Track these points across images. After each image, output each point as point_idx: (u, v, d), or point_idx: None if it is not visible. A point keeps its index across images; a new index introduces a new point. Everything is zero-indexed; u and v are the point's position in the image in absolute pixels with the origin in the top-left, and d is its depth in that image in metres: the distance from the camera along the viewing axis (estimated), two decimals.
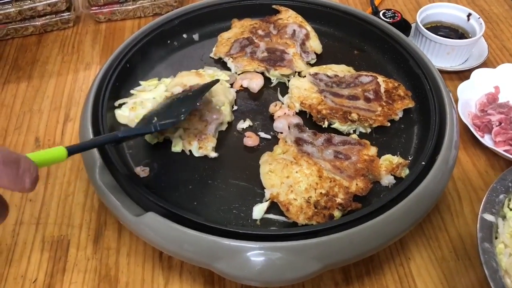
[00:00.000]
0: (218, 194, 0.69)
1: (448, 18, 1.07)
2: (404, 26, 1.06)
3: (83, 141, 0.69)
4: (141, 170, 0.71)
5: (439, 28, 1.07)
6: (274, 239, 0.59)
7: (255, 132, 0.77)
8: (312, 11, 0.97)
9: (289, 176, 0.67)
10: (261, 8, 0.99)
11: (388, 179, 0.69)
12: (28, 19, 1.10)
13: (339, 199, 0.65)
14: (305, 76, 0.84)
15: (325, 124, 0.77)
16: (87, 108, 0.75)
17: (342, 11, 0.95)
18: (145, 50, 0.88)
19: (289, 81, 0.85)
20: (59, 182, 0.81)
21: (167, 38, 0.93)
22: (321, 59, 0.91)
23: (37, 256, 0.72)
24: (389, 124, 0.77)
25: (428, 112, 0.76)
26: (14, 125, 0.91)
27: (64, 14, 1.12)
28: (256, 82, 0.85)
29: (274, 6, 0.98)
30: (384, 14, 1.06)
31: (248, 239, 0.58)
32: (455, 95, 0.90)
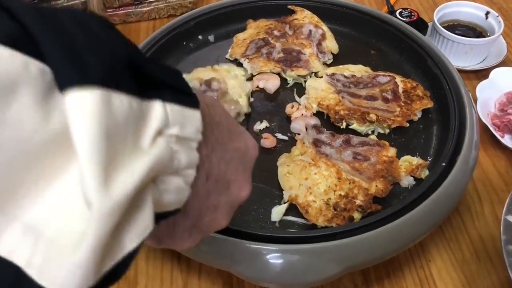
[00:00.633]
0: None
1: (465, 17, 1.06)
2: (421, 25, 1.04)
3: None
4: None
5: (456, 27, 1.06)
6: (293, 242, 0.58)
7: (272, 134, 0.77)
8: (327, 11, 0.96)
9: (308, 178, 0.67)
10: (277, 9, 0.98)
11: (408, 180, 0.69)
12: None
13: (358, 201, 0.64)
14: (322, 77, 0.84)
15: (343, 125, 0.76)
16: None
17: (358, 11, 0.94)
18: (160, 52, 0.88)
19: (305, 81, 0.84)
20: None
21: (183, 40, 0.93)
22: (338, 59, 0.90)
23: None
24: (407, 125, 0.76)
25: (447, 112, 0.75)
26: None
27: None
28: (273, 83, 0.84)
29: (289, 7, 0.98)
30: (400, 13, 1.05)
31: (267, 241, 0.58)
32: (473, 94, 0.89)
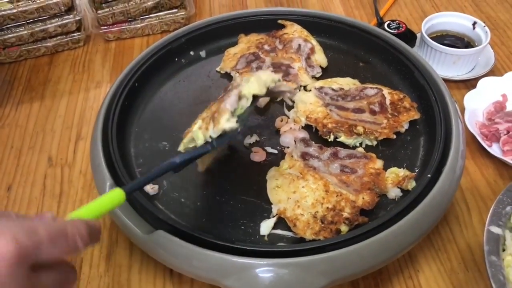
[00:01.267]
0: (226, 210, 0.70)
1: (453, 27, 1.08)
2: (409, 36, 1.06)
3: (139, 178, 0.65)
4: (150, 188, 0.72)
5: (444, 37, 1.07)
6: (282, 256, 0.59)
7: (262, 147, 0.78)
8: (317, 24, 0.98)
9: (296, 191, 0.68)
10: (267, 23, 1.00)
11: (395, 192, 0.70)
12: (40, 40, 1.12)
13: (345, 214, 0.65)
14: (310, 90, 0.85)
15: (331, 138, 0.77)
16: (97, 127, 0.76)
17: (347, 24, 0.96)
18: (153, 68, 0.90)
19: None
20: (72, 201, 0.83)
21: (175, 56, 0.94)
22: (327, 72, 0.92)
23: None
24: (395, 137, 0.77)
25: (434, 123, 0.76)
26: (28, 144, 0.94)
27: (75, 34, 1.15)
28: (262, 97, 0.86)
29: (279, 21, 1.00)
30: (388, 25, 1.07)
31: (256, 255, 0.59)
32: (462, 104, 0.90)
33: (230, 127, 0.58)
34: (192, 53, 0.96)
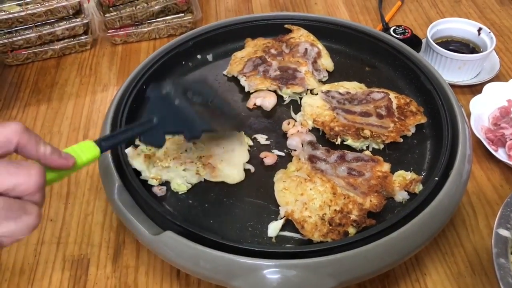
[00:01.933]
0: (234, 212, 0.70)
1: (458, 33, 1.08)
2: (415, 41, 1.07)
3: (114, 132, 0.66)
4: (158, 190, 0.72)
5: (450, 42, 1.08)
6: (289, 257, 0.60)
7: (269, 150, 0.78)
8: (323, 29, 0.99)
9: (303, 194, 0.68)
10: (274, 28, 1.00)
11: (402, 195, 0.70)
12: (48, 43, 1.13)
13: (353, 216, 0.66)
14: (317, 94, 0.86)
15: (338, 141, 0.78)
16: (106, 129, 0.77)
17: (353, 29, 0.96)
18: (160, 71, 0.90)
19: (301, 99, 0.86)
20: (79, 202, 0.83)
21: (182, 59, 0.95)
22: (333, 77, 0.92)
23: (58, 275, 0.74)
24: (401, 140, 0.77)
25: (440, 128, 0.76)
26: None
27: (82, 37, 1.16)
28: (269, 100, 0.86)
29: (286, 26, 1.00)
30: (394, 30, 1.08)
31: (264, 257, 0.59)
32: (467, 109, 0.91)
33: None
34: (199, 56, 0.97)
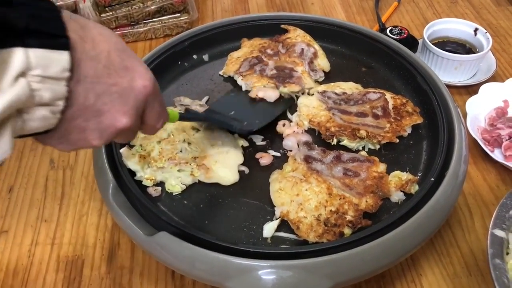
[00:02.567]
0: (229, 212, 0.70)
1: (455, 33, 1.08)
2: (411, 42, 1.06)
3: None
4: (153, 190, 0.72)
5: (446, 43, 1.08)
6: (285, 258, 0.59)
7: (265, 150, 0.78)
8: (319, 29, 0.98)
9: (299, 194, 0.68)
10: (270, 28, 1.00)
11: (398, 196, 0.70)
12: None
13: (349, 217, 0.65)
14: (313, 94, 0.86)
15: (334, 142, 0.77)
16: None
17: (349, 29, 0.96)
18: (156, 71, 0.89)
19: (297, 98, 0.86)
20: (74, 203, 0.83)
21: (178, 59, 0.95)
22: (329, 77, 0.92)
23: (52, 276, 0.73)
24: (397, 141, 0.77)
25: (436, 128, 0.76)
26: (29, 146, 0.94)
27: None
28: (272, 91, 0.86)
29: (282, 26, 1.00)
30: (391, 31, 1.08)
31: (259, 257, 0.59)
32: (463, 109, 0.91)
33: None
34: (195, 56, 0.97)
